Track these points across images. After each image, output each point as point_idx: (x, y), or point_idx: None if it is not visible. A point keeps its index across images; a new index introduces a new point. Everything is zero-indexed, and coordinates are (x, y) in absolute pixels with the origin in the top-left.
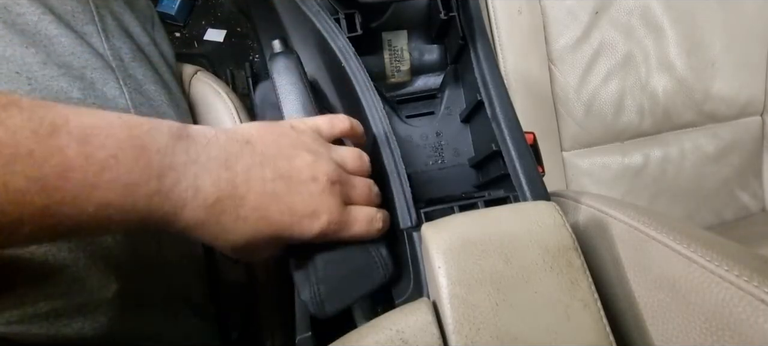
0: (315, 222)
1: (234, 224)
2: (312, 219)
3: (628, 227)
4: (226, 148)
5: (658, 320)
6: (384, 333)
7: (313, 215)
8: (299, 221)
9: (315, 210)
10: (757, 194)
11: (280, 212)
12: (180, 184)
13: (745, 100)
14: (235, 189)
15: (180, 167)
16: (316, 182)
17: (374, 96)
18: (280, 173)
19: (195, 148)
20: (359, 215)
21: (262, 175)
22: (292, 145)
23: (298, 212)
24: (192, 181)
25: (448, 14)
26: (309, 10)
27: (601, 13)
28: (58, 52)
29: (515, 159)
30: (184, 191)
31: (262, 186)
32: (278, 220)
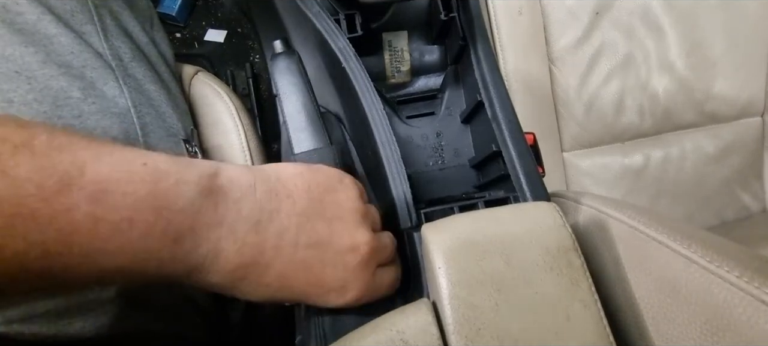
0: (341, 298)
1: (253, 288)
2: (339, 294)
3: (629, 227)
4: (261, 205)
5: (658, 321)
6: (384, 334)
7: (342, 290)
8: (325, 294)
9: (345, 285)
10: (758, 195)
11: (307, 282)
12: (199, 249)
13: (746, 100)
14: (261, 256)
15: (202, 230)
16: (354, 253)
17: (374, 96)
18: (316, 239)
19: (225, 204)
20: (385, 280)
21: (295, 240)
22: (338, 203)
23: (326, 285)
24: (213, 245)
25: (449, 15)
26: (309, 11)
27: (601, 14)
28: (57, 52)
29: (515, 160)
30: (203, 256)
31: (293, 254)
32: (303, 290)
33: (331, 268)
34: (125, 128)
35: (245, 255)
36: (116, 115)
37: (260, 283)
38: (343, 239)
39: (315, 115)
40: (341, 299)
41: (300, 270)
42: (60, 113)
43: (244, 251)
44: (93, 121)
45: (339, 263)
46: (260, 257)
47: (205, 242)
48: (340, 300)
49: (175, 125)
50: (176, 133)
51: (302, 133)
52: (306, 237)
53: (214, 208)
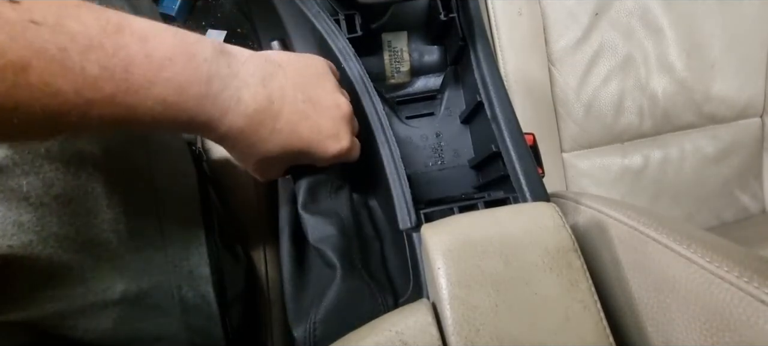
0: (336, 144)
1: (269, 135)
2: (334, 140)
3: (628, 228)
4: (263, 67)
5: (657, 321)
6: (384, 334)
7: (336, 138)
8: (324, 140)
9: (337, 133)
10: (757, 195)
11: (309, 128)
12: (225, 92)
13: (745, 101)
14: (271, 104)
15: (224, 78)
16: (338, 108)
17: (374, 97)
18: (309, 95)
19: (235, 63)
20: (357, 145)
21: (294, 96)
22: (317, 75)
23: (324, 131)
24: (234, 91)
25: (448, 15)
26: (309, 11)
27: (601, 15)
28: None
29: (515, 160)
30: (228, 98)
31: (294, 106)
32: (308, 136)
33: (324, 119)
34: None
35: (259, 101)
36: None
37: (274, 128)
38: (328, 97)
39: None
40: (337, 144)
41: (303, 119)
42: None
43: (258, 98)
44: None
45: (328, 116)
46: (270, 105)
47: (228, 88)
48: (335, 146)
49: None
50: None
51: None
52: (301, 94)
53: (228, 64)
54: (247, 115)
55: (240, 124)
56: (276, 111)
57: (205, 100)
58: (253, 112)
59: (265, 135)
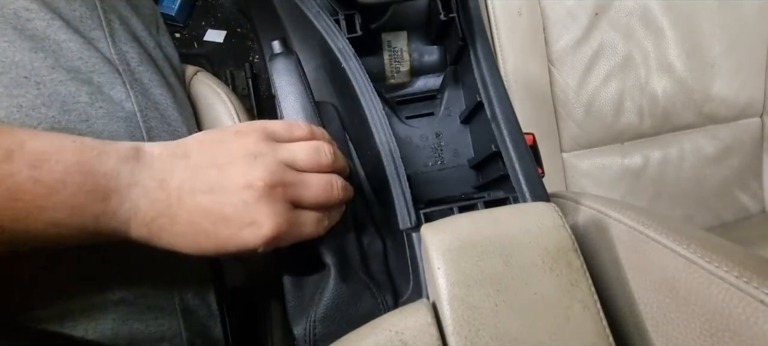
0: (257, 232)
1: (174, 239)
2: (252, 229)
3: (628, 228)
4: (164, 166)
5: (657, 321)
6: (383, 334)
7: (254, 225)
8: (238, 233)
9: (254, 220)
10: (757, 195)
11: (213, 224)
12: (123, 205)
13: (745, 101)
14: (168, 208)
15: (124, 189)
16: (250, 189)
17: (374, 97)
18: (209, 184)
19: (139, 169)
20: (307, 219)
21: (191, 188)
22: (229, 152)
23: (234, 222)
24: (133, 202)
25: (448, 15)
26: (309, 11)
27: (600, 15)
28: (66, 57)
29: (515, 160)
30: (127, 211)
31: (192, 201)
32: (216, 234)
33: (229, 207)
34: (131, 132)
35: (157, 207)
36: (123, 120)
37: (175, 232)
38: (236, 179)
39: (313, 115)
40: (258, 233)
41: (203, 215)
42: (68, 118)
43: (156, 205)
44: (100, 125)
45: (238, 201)
46: (168, 209)
47: (127, 200)
48: (257, 235)
49: (180, 129)
50: (181, 135)
51: None
52: (200, 184)
53: (131, 173)
54: (147, 224)
55: (144, 234)
56: (173, 214)
57: (103, 217)
58: (151, 219)
59: (171, 240)
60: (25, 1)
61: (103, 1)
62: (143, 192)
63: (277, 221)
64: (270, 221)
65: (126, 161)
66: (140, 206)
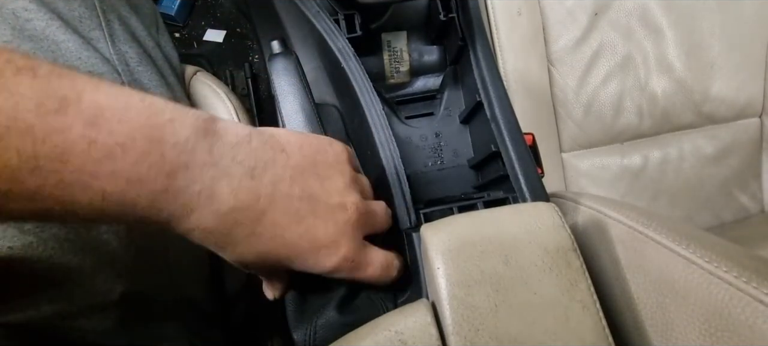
0: (332, 255)
1: (246, 239)
2: (330, 251)
3: (627, 228)
4: (257, 154)
5: (656, 321)
6: (383, 334)
7: (333, 246)
8: (316, 250)
9: (336, 241)
10: (756, 196)
11: (299, 235)
12: (193, 186)
13: (744, 101)
14: (256, 202)
15: (197, 168)
16: (343, 210)
17: (373, 97)
18: (309, 192)
19: (219, 147)
20: (376, 259)
21: (289, 191)
22: (328, 163)
23: (318, 239)
24: (208, 183)
25: (448, 15)
26: (308, 11)
27: (600, 15)
28: (65, 57)
29: (514, 160)
30: (197, 194)
31: (287, 204)
32: (295, 243)
33: (322, 222)
34: None
35: (240, 198)
36: None
37: (254, 232)
38: (333, 196)
39: (312, 115)
40: (333, 256)
41: (293, 221)
42: None
43: (240, 194)
44: None
45: (330, 219)
46: (255, 203)
47: (200, 181)
48: (331, 259)
49: None
50: None
51: None
52: (299, 189)
53: (209, 149)
54: (221, 214)
55: (209, 224)
56: (260, 210)
57: (163, 195)
58: (229, 210)
59: (241, 238)
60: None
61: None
62: (223, 174)
63: (353, 250)
64: (349, 246)
65: (204, 134)
66: (217, 192)
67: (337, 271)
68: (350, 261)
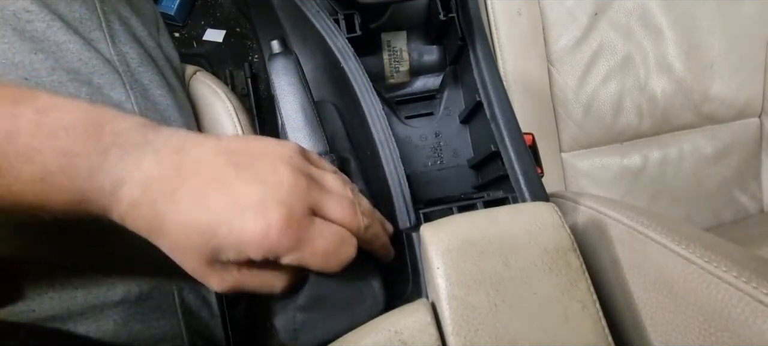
0: (260, 217)
1: (167, 207)
2: (257, 213)
3: (627, 228)
4: (188, 137)
5: (656, 321)
6: (383, 334)
7: (260, 208)
8: (241, 213)
9: (263, 200)
10: (756, 196)
11: (220, 197)
12: (123, 160)
13: (744, 101)
14: (178, 171)
15: (130, 146)
16: (275, 173)
17: (373, 96)
18: (236, 161)
19: (154, 133)
20: (325, 230)
21: (213, 160)
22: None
23: (241, 200)
24: (136, 158)
25: (448, 15)
26: (308, 11)
27: (600, 15)
28: (66, 59)
29: (514, 160)
30: (125, 167)
31: (210, 171)
32: (215, 206)
33: (247, 184)
34: None
35: (163, 168)
36: None
37: (173, 199)
38: (264, 166)
39: (312, 115)
40: (260, 219)
41: (215, 184)
42: None
43: (163, 166)
44: None
45: (256, 181)
46: (177, 172)
47: (129, 156)
48: (258, 222)
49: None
50: None
51: (300, 133)
52: (225, 159)
53: (144, 135)
54: (144, 185)
55: (133, 196)
56: (181, 179)
57: (98, 172)
58: (151, 180)
59: (163, 208)
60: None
61: (103, 2)
62: (153, 151)
63: (287, 213)
64: (280, 208)
65: (141, 126)
66: (142, 164)
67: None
68: (287, 230)
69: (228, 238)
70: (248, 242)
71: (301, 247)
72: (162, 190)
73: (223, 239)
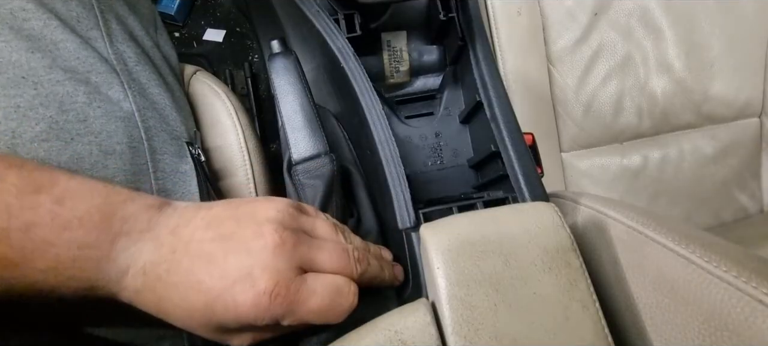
0: (248, 288)
1: (166, 292)
2: (245, 284)
3: (627, 227)
4: (184, 215)
5: (656, 321)
6: (383, 334)
7: (248, 279)
8: (231, 288)
9: (250, 272)
10: (756, 195)
11: (209, 275)
12: (128, 249)
13: (744, 101)
14: (172, 254)
15: (135, 233)
16: (259, 238)
17: (373, 96)
18: (221, 233)
19: (157, 217)
20: (318, 285)
21: (202, 236)
22: (253, 209)
23: (231, 273)
24: (139, 246)
25: (448, 15)
26: (308, 11)
27: (600, 15)
28: (63, 57)
29: (514, 160)
30: (130, 256)
31: (199, 248)
32: (208, 285)
33: (234, 256)
34: (129, 132)
35: (161, 253)
36: (121, 119)
37: (170, 282)
38: (249, 229)
39: (312, 115)
40: (250, 290)
41: (204, 263)
42: (65, 118)
43: (161, 250)
44: (98, 125)
45: (241, 251)
46: (172, 255)
47: (133, 245)
48: (248, 293)
49: (179, 128)
50: (179, 136)
51: (299, 133)
52: (212, 232)
53: (148, 220)
54: (145, 272)
55: (138, 284)
56: (176, 261)
57: (105, 261)
58: (150, 266)
59: (162, 292)
60: (22, 1)
61: (100, 1)
62: (153, 238)
63: (275, 279)
64: (267, 276)
65: (148, 209)
66: (144, 251)
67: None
68: (276, 296)
69: (226, 314)
70: (244, 314)
71: (296, 309)
72: (159, 275)
73: (221, 316)
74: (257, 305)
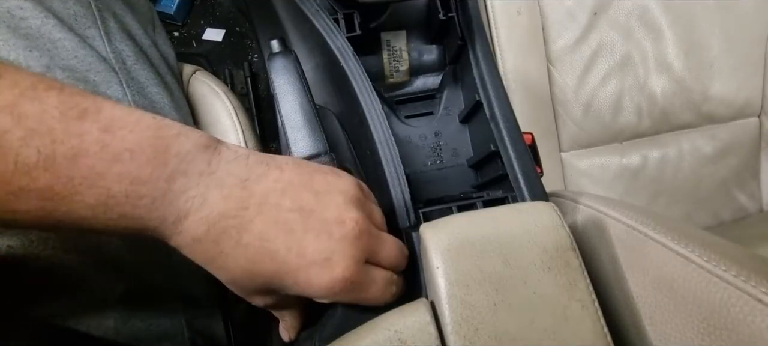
0: (326, 273)
1: (233, 250)
2: (323, 268)
3: (627, 227)
4: (251, 168)
5: (655, 320)
6: (382, 334)
7: (326, 264)
8: (307, 267)
9: (329, 258)
10: (755, 195)
11: (287, 248)
12: (188, 192)
13: (743, 101)
14: (244, 210)
15: (194, 175)
16: (340, 225)
17: (373, 96)
18: (301, 204)
19: (217, 161)
20: (377, 276)
21: (278, 202)
22: (327, 183)
23: (308, 254)
24: (202, 190)
25: (447, 15)
26: (308, 10)
27: (599, 14)
28: (61, 56)
29: (514, 159)
30: (191, 199)
31: (276, 214)
32: (283, 258)
33: (314, 235)
34: None
35: (229, 206)
36: None
37: (240, 241)
38: (329, 210)
39: (312, 115)
40: (327, 274)
41: (281, 232)
42: None
43: (229, 202)
44: None
45: (323, 232)
46: (243, 212)
47: (194, 187)
48: (324, 276)
49: None
50: None
51: (299, 133)
52: (290, 201)
53: (208, 161)
54: (210, 222)
55: (199, 232)
56: (248, 219)
57: (161, 200)
58: (218, 217)
59: (228, 248)
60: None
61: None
62: (217, 184)
63: (352, 267)
64: (345, 263)
65: (204, 149)
66: (208, 198)
67: (333, 293)
68: (349, 282)
69: (293, 287)
70: (314, 293)
71: (356, 292)
72: (226, 230)
73: (287, 286)
74: (331, 288)
